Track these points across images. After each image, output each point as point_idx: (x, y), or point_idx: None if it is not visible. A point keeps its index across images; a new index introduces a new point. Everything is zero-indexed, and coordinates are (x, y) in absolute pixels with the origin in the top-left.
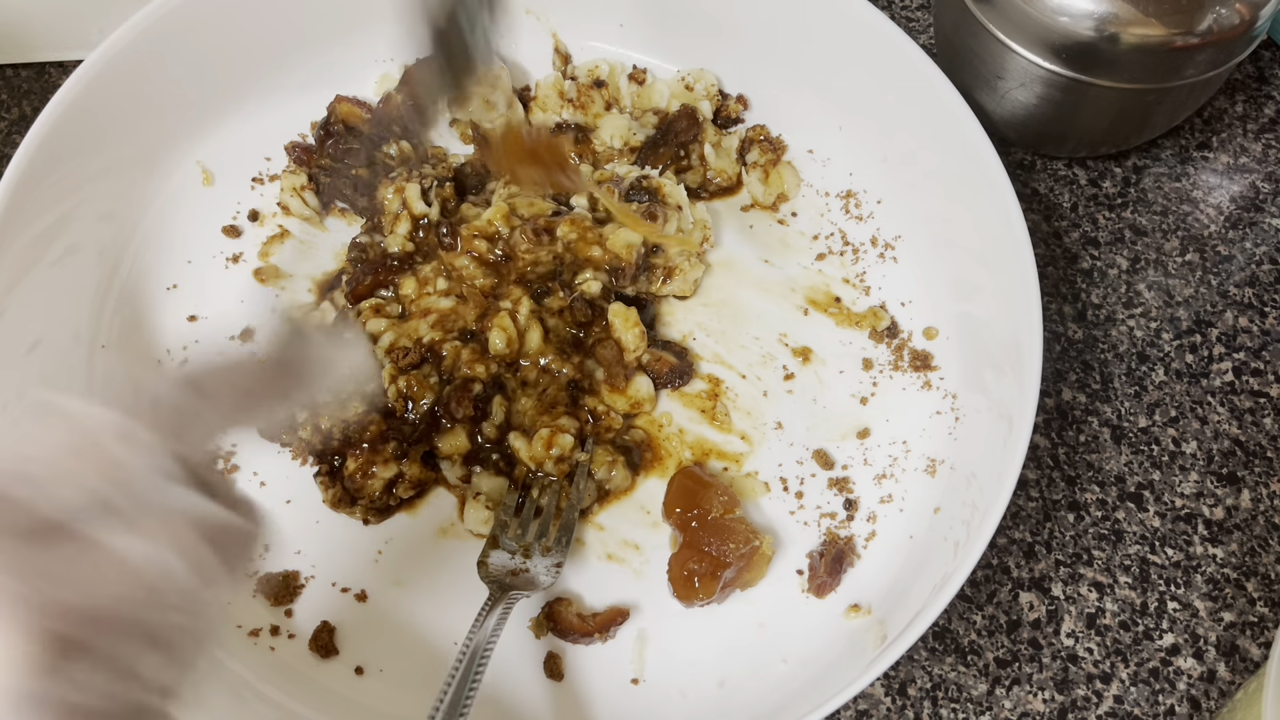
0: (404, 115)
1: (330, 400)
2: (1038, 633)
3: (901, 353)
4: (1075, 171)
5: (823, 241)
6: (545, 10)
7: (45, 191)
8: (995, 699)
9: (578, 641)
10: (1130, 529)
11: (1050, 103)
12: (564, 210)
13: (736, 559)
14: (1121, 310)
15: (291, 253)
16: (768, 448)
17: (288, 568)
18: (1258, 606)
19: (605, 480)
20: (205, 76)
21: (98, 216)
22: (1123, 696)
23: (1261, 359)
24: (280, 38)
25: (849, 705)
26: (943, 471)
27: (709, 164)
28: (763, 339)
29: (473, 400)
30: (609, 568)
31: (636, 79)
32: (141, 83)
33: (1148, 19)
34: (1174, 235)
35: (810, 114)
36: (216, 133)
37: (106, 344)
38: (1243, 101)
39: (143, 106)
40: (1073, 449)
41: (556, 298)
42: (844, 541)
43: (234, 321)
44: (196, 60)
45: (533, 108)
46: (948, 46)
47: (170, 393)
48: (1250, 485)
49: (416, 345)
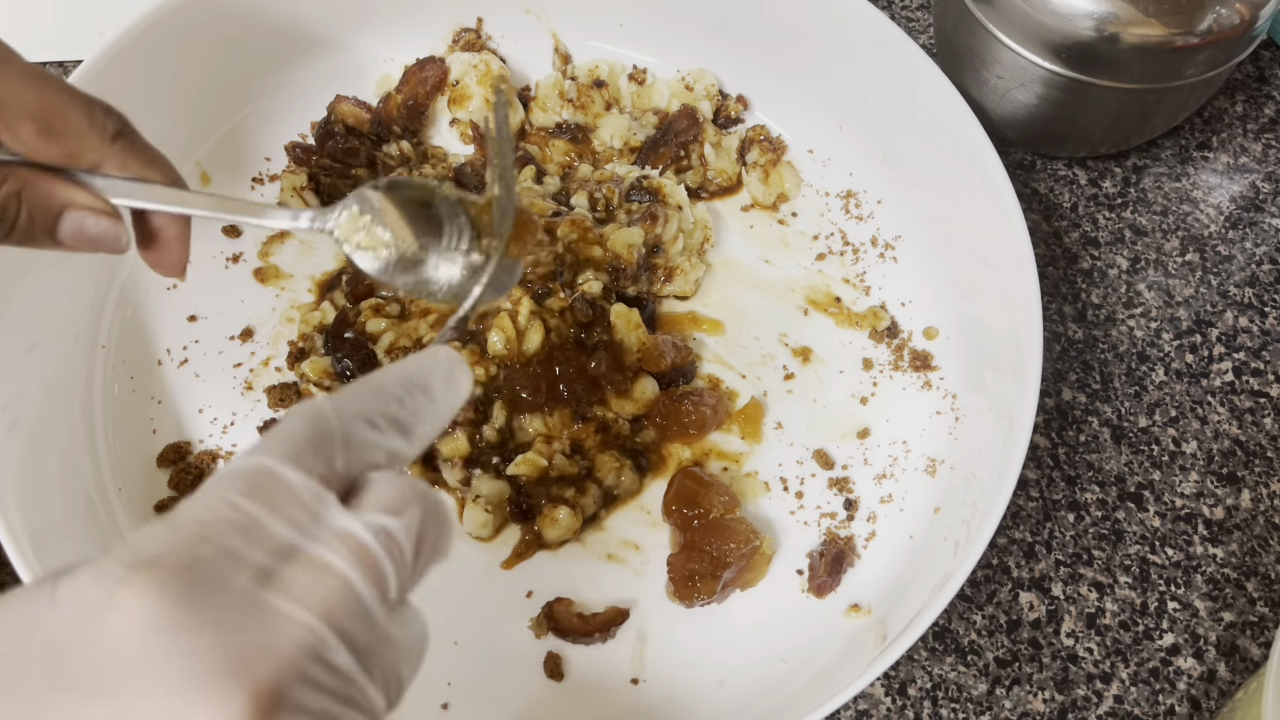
0: (404, 116)
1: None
2: (1038, 633)
3: (901, 353)
4: (1075, 171)
5: (823, 241)
6: (545, 10)
7: None
8: (995, 699)
9: (577, 641)
10: (1130, 529)
11: (1050, 103)
12: (564, 210)
13: (736, 559)
14: (1121, 310)
15: (291, 253)
16: (768, 448)
17: None
18: (1258, 606)
19: (614, 486)
20: (205, 76)
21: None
22: (1123, 696)
23: (1261, 359)
24: (280, 38)
25: (849, 705)
26: (943, 471)
27: (709, 164)
28: (763, 339)
29: (473, 403)
30: (609, 568)
31: (636, 79)
32: (141, 83)
33: (1148, 19)
34: (1174, 235)
35: (810, 114)
36: (216, 133)
37: (106, 344)
38: (1243, 101)
39: (143, 106)
40: (1073, 449)
41: (557, 298)
42: (844, 541)
43: (234, 321)
44: (196, 60)
45: (533, 108)
46: (948, 46)
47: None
48: (1250, 485)
49: (416, 345)
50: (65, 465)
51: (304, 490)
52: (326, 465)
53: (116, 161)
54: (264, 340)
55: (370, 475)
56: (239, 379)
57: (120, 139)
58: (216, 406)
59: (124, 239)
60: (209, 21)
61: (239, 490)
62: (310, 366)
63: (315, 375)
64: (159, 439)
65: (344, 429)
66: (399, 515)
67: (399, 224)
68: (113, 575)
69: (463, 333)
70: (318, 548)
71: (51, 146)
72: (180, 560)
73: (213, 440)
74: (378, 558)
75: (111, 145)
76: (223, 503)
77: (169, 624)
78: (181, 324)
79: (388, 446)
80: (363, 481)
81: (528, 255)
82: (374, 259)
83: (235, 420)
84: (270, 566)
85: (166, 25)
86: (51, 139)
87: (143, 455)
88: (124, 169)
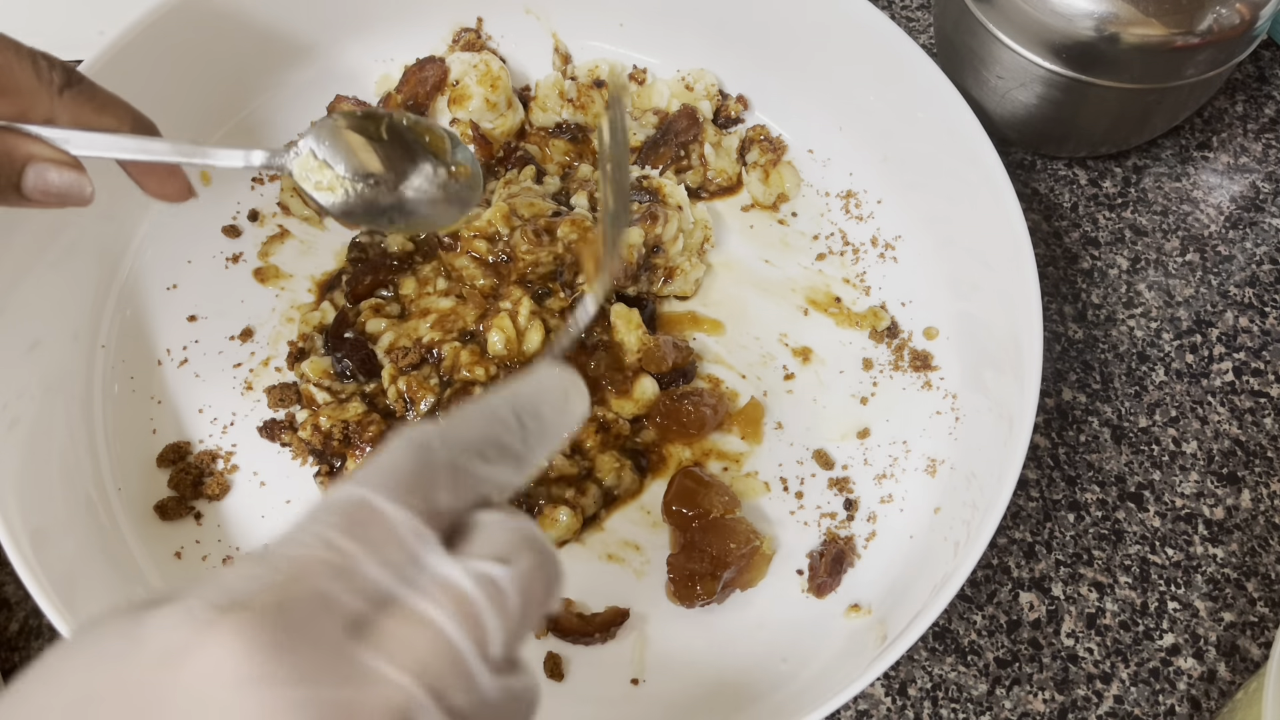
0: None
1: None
2: (1038, 633)
3: (901, 353)
4: (1075, 171)
5: (823, 241)
6: (545, 10)
7: None
8: (995, 699)
9: (578, 641)
10: (1130, 529)
11: (1050, 103)
12: (564, 211)
13: (736, 559)
14: (1122, 310)
15: (291, 253)
16: (768, 448)
17: None
18: (1258, 606)
19: (614, 486)
20: (205, 76)
21: (98, 216)
22: (1123, 696)
23: (1261, 359)
24: (280, 37)
25: (849, 705)
26: (943, 471)
27: (709, 164)
28: (763, 339)
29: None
30: (609, 568)
31: (636, 79)
32: (141, 83)
33: (1148, 19)
34: (1174, 235)
35: (810, 114)
36: (217, 133)
37: (106, 344)
38: (1243, 101)
39: (143, 106)
40: (1073, 449)
41: (557, 298)
42: (844, 541)
43: (234, 321)
44: (196, 60)
45: (533, 108)
46: (948, 46)
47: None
48: (1250, 485)
49: (416, 345)
50: (65, 465)
51: (404, 529)
52: (429, 500)
53: (68, 113)
54: (264, 340)
55: (478, 515)
56: (239, 379)
57: (68, 89)
58: (216, 406)
59: (88, 189)
60: (209, 21)
61: (335, 525)
62: (310, 366)
63: (315, 375)
64: (159, 439)
65: (450, 460)
66: (507, 563)
67: (357, 154)
68: (200, 617)
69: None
70: (416, 597)
71: (0, 105)
72: (271, 603)
73: (213, 440)
74: (480, 611)
75: (60, 97)
76: (318, 539)
77: (256, 676)
78: (181, 324)
79: (497, 479)
80: (469, 521)
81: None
82: (331, 197)
83: (235, 420)
84: (365, 615)
85: (166, 25)
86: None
87: (143, 455)
88: (76, 120)
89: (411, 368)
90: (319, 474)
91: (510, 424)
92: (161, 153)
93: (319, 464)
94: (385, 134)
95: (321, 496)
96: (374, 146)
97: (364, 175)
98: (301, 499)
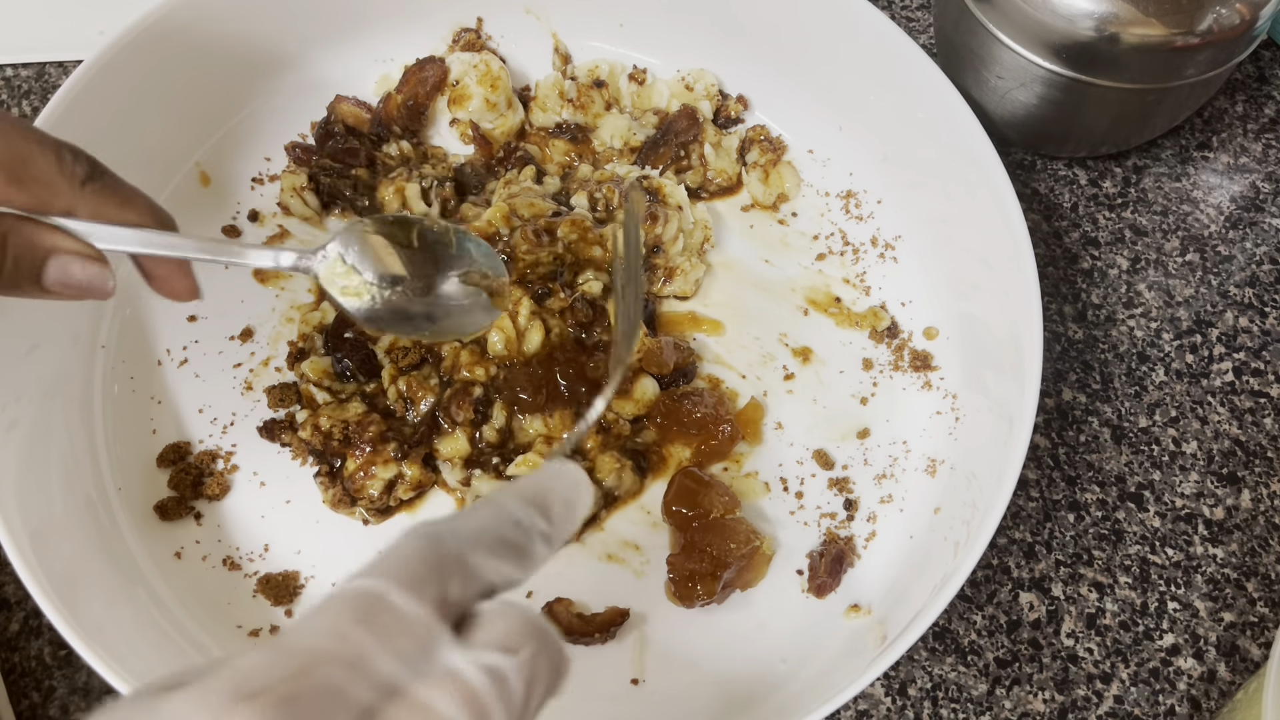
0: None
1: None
2: (1038, 633)
3: (901, 353)
4: (1075, 171)
5: (823, 241)
6: (545, 10)
7: None
8: (995, 699)
9: (578, 642)
10: (1130, 529)
11: (1050, 103)
12: (564, 211)
13: (736, 559)
14: (1122, 310)
15: None
16: (768, 448)
17: (288, 568)
18: (1258, 606)
19: (614, 486)
20: (205, 76)
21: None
22: (1123, 697)
23: (1261, 359)
24: (280, 38)
25: (849, 705)
26: (943, 471)
27: (709, 164)
28: (763, 339)
29: (473, 404)
30: (609, 568)
31: (636, 79)
32: (141, 83)
33: (1148, 19)
34: (1174, 235)
35: (810, 114)
36: (217, 133)
37: (106, 344)
38: (1243, 101)
39: (142, 106)
40: (1073, 449)
41: (557, 298)
42: (844, 541)
43: (234, 321)
44: (196, 60)
45: (533, 108)
46: (948, 46)
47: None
48: (1250, 485)
49: (416, 345)
50: (65, 465)
51: (416, 621)
52: (440, 593)
53: (89, 206)
54: (264, 340)
55: (483, 606)
56: (239, 379)
57: (91, 183)
58: (216, 406)
59: (110, 283)
60: (209, 21)
61: (350, 617)
62: (310, 366)
63: (315, 375)
64: (159, 439)
65: (459, 553)
66: (512, 653)
67: (384, 260)
68: (217, 704)
69: (580, 447)
70: (425, 688)
71: (21, 194)
72: (284, 693)
73: (213, 440)
74: (486, 703)
75: (82, 190)
76: (332, 629)
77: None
78: (181, 324)
79: (503, 573)
80: (475, 612)
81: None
82: (358, 302)
83: (235, 420)
84: (374, 705)
85: (167, 25)
86: (20, 187)
87: (143, 455)
88: (97, 214)
89: (411, 368)
90: (319, 474)
91: (517, 519)
92: (187, 249)
93: (319, 464)
94: (416, 241)
95: (337, 587)
96: (403, 254)
97: (392, 281)
98: (301, 499)
